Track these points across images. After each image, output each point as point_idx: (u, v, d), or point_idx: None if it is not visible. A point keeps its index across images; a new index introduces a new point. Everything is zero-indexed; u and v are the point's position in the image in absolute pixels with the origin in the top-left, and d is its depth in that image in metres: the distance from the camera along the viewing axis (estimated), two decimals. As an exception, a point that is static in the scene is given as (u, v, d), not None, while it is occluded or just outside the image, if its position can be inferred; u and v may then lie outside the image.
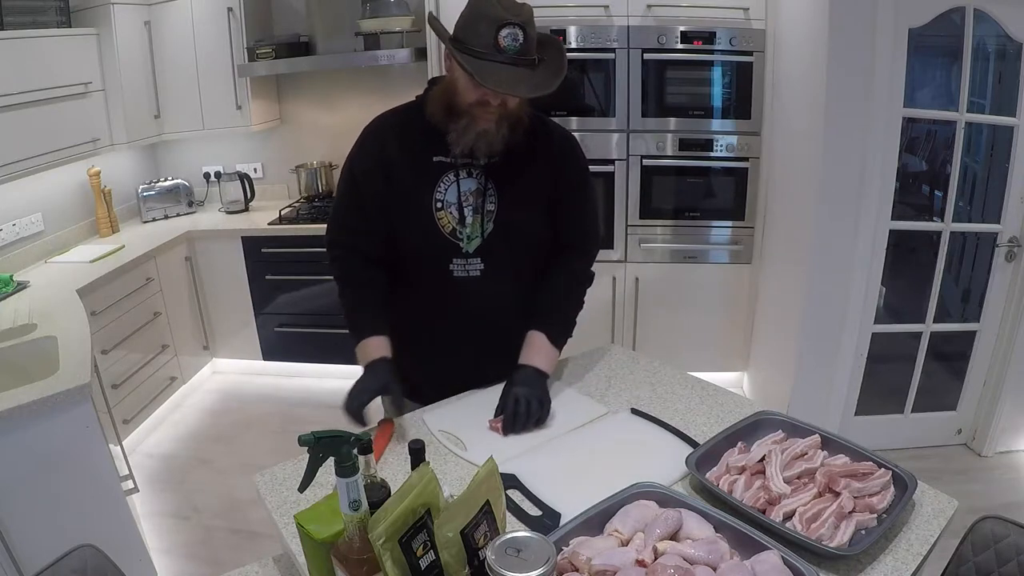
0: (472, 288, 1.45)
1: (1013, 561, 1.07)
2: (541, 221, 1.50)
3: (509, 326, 1.50)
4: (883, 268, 2.53)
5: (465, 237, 1.43)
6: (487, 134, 1.35)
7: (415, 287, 1.49)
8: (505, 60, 1.26)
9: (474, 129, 1.34)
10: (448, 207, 1.42)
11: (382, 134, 1.47)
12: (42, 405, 1.73)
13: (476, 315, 1.48)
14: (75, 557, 1.10)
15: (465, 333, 1.50)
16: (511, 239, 1.46)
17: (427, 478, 0.85)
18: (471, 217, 1.42)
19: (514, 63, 1.27)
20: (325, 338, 3.46)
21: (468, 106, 1.33)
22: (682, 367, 1.62)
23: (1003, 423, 2.70)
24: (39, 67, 2.74)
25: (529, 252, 1.52)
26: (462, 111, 1.35)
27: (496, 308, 1.48)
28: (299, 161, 3.76)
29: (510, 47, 1.25)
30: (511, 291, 1.50)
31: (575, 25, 2.90)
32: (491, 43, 1.25)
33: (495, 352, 1.50)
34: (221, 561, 2.35)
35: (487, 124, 1.34)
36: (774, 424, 1.26)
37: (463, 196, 1.42)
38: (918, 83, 2.43)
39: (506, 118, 1.35)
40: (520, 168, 1.44)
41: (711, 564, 0.90)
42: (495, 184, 1.43)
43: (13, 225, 2.92)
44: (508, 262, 1.47)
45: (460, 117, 1.35)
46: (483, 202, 1.43)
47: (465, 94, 1.33)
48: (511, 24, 1.25)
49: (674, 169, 3.04)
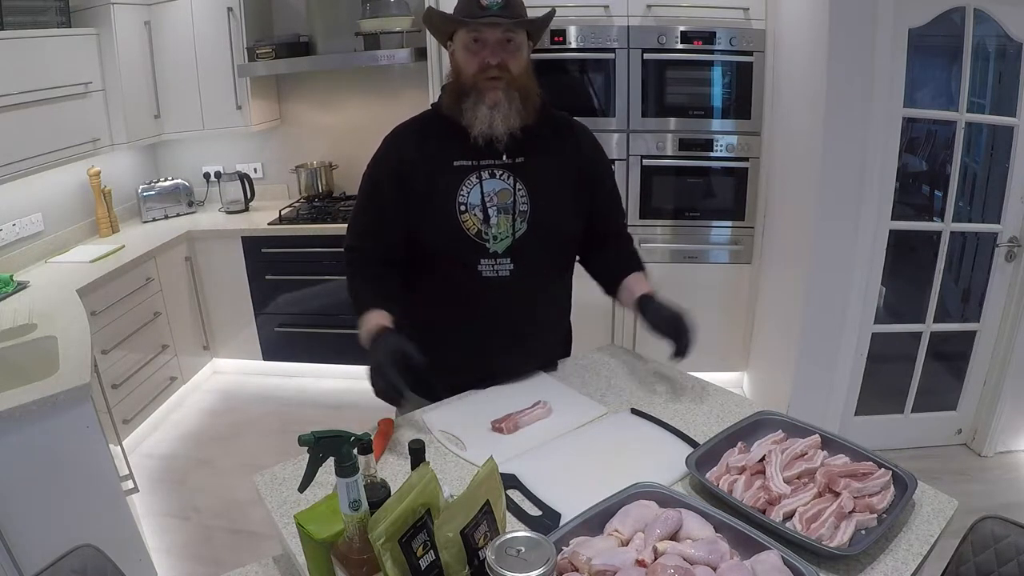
0: (501, 288, 1.46)
1: (1013, 561, 1.07)
2: (574, 218, 1.52)
3: (537, 325, 1.53)
4: (883, 268, 2.53)
5: (491, 238, 1.44)
6: (498, 106, 1.36)
7: (444, 288, 1.50)
8: (488, 13, 1.32)
9: (484, 103, 1.36)
10: (472, 209, 1.43)
11: (401, 141, 1.47)
12: (42, 405, 1.73)
13: (504, 314, 1.48)
14: (75, 557, 1.10)
15: (493, 332, 1.50)
16: (545, 238, 1.47)
17: (427, 478, 0.85)
18: (495, 218, 1.43)
19: (500, 15, 1.32)
20: (325, 338, 3.46)
21: (472, 79, 1.36)
22: (682, 367, 1.62)
23: (1003, 423, 2.70)
24: (39, 67, 2.74)
25: (561, 251, 1.55)
26: (468, 88, 1.37)
27: (524, 307, 1.49)
28: (299, 161, 3.75)
29: (492, 3, 1.31)
30: (540, 290, 1.52)
31: (575, 25, 2.90)
32: (475, 3, 1.32)
33: (520, 351, 1.52)
34: (221, 561, 2.35)
35: (495, 95, 1.36)
36: (774, 424, 1.26)
37: (487, 197, 1.43)
38: (918, 83, 2.43)
39: (513, 86, 1.37)
40: (548, 166, 1.46)
41: (711, 564, 0.90)
42: (525, 184, 1.44)
43: (13, 225, 2.92)
44: (539, 261, 1.48)
45: (468, 95, 1.37)
46: (514, 203, 1.44)
47: (466, 66, 1.36)
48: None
49: (674, 169, 3.04)
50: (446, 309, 1.51)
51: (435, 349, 1.52)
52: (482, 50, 1.35)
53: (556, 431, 1.36)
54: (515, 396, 1.47)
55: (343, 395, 3.46)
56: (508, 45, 1.36)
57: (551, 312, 1.60)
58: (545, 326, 1.59)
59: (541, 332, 1.57)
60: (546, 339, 1.62)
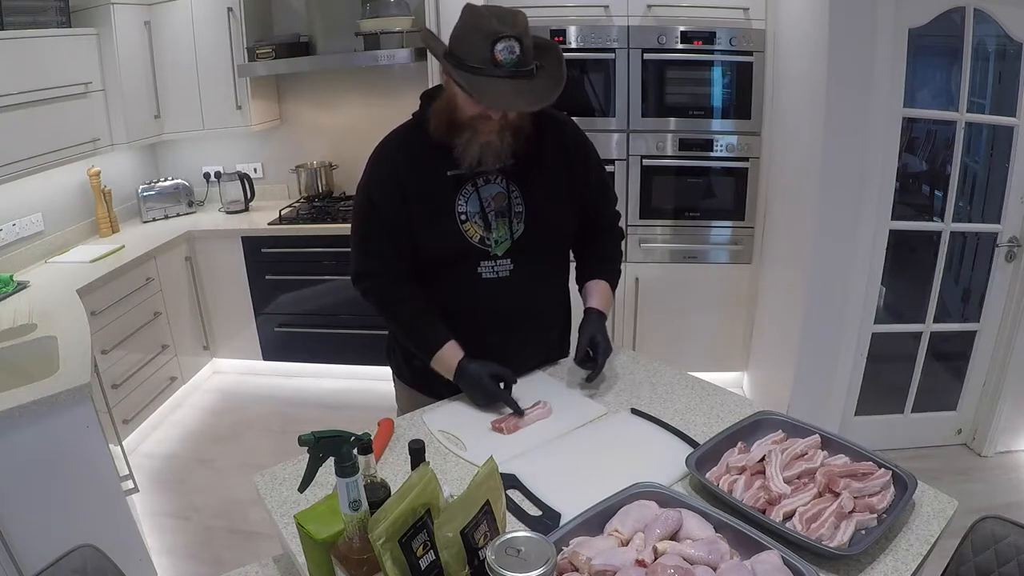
0: (501, 288, 1.47)
1: (1013, 561, 1.07)
2: (570, 215, 1.53)
3: (536, 321, 1.54)
4: (883, 268, 2.53)
5: (493, 243, 1.44)
6: (491, 145, 1.35)
7: (443, 290, 1.49)
8: (502, 74, 1.24)
9: (478, 142, 1.35)
10: (472, 217, 1.43)
11: (391, 157, 1.44)
12: (42, 405, 1.73)
13: (504, 314, 1.49)
14: (75, 557, 1.10)
15: (493, 332, 1.50)
16: (542, 236, 1.48)
17: (427, 478, 0.85)
18: (495, 222, 1.43)
19: (512, 76, 1.24)
20: (325, 338, 3.46)
21: (469, 120, 1.34)
22: (682, 367, 1.62)
23: (1003, 423, 2.70)
24: (39, 67, 2.74)
25: (558, 248, 1.56)
26: (464, 124, 1.35)
27: (524, 306, 1.50)
28: (299, 161, 3.75)
29: (507, 60, 1.23)
30: (539, 288, 1.53)
31: (575, 25, 2.90)
32: (487, 57, 1.22)
33: (521, 349, 1.54)
34: (221, 561, 2.35)
35: (490, 136, 1.35)
36: (774, 424, 1.27)
37: (485, 202, 1.43)
38: (918, 83, 2.43)
39: (508, 128, 1.36)
40: (539, 165, 1.45)
41: (711, 564, 0.90)
42: (518, 186, 1.45)
43: (13, 225, 2.92)
44: (537, 260, 1.49)
45: (463, 131, 1.35)
46: (509, 205, 1.44)
47: (465, 108, 1.33)
48: (506, 37, 1.22)
49: (674, 169, 3.04)
50: (446, 310, 1.51)
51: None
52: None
53: (556, 431, 1.36)
54: (515, 396, 1.47)
55: (343, 395, 3.46)
56: None
57: (550, 308, 1.61)
58: (545, 322, 1.60)
59: (540, 328, 1.59)
60: (546, 335, 1.63)
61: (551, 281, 1.58)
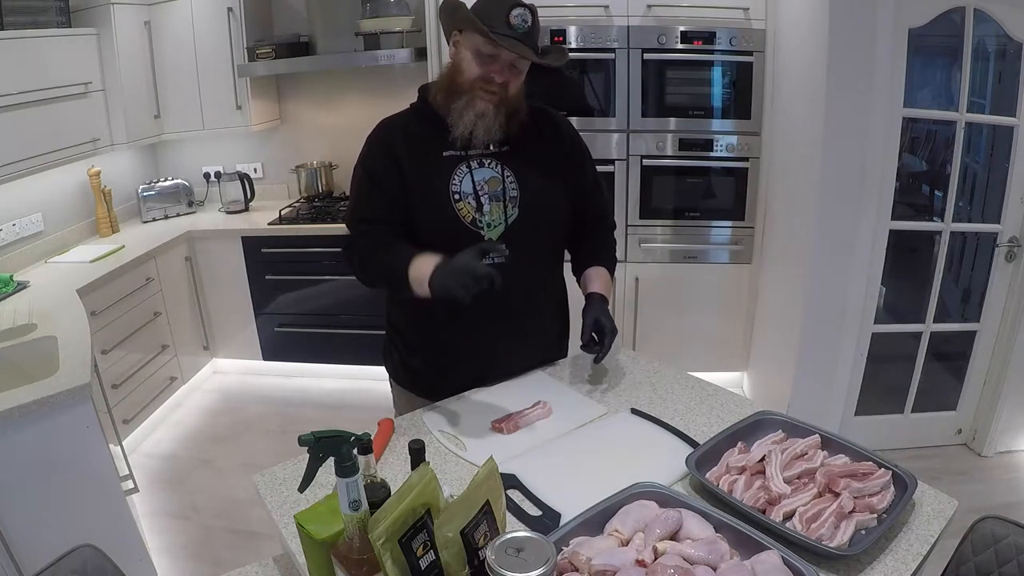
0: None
1: (1013, 561, 1.07)
2: (564, 201, 1.55)
3: (533, 311, 1.55)
4: (883, 268, 2.53)
5: (485, 225, 1.45)
6: (484, 117, 1.39)
7: None
8: (515, 36, 1.34)
9: (472, 110, 1.38)
10: (465, 197, 1.45)
11: (388, 136, 1.48)
12: (42, 405, 1.73)
13: (501, 301, 1.45)
14: (75, 557, 1.10)
15: (491, 319, 1.49)
16: (537, 222, 1.49)
17: (427, 478, 0.85)
18: (488, 205, 1.45)
19: (522, 41, 1.35)
20: (325, 338, 3.46)
21: (471, 83, 1.38)
22: (682, 367, 1.62)
23: (1003, 423, 2.70)
24: (39, 67, 2.74)
25: (552, 235, 1.57)
26: (463, 90, 1.39)
27: (521, 293, 1.49)
28: (299, 161, 3.75)
29: (519, 26, 1.34)
30: (535, 275, 1.53)
31: (575, 25, 2.90)
32: (503, 21, 1.33)
33: (520, 341, 1.54)
34: (221, 561, 2.35)
35: (485, 106, 1.38)
36: (774, 424, 1.27)
37: (478, 185, 1.45)
38: (918, 83, 2.43)
39: (504, 104, 1.39)
40: (533, 151, 1.49)
41: (711, 564, 0.90)
42: (513, 170, 1.47)
43: (13, 225, 2.92)
44: (532, 247, 1.50)
45: (460, 95, 1.39)
46: (503, 190, 1.46)
47: (469, 70, 1.38)
48: (521, 5, 1.35)
49: (674, 169, 3.04)
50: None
51: (433, 341, 1.54)
52: (491, 64, 1.37)
53: (556, 431, 1.36)
54: (515, 396, 1.47)
55: (343, 395, 3.46)
56: (514, 68, 1.39)
57: (547, 300, 1.62)
58: (543, 314, 1.61)
59: (538, 319, 1.59)
60: (543, 328, 1.64)
61: (548, 272, 1.60)
